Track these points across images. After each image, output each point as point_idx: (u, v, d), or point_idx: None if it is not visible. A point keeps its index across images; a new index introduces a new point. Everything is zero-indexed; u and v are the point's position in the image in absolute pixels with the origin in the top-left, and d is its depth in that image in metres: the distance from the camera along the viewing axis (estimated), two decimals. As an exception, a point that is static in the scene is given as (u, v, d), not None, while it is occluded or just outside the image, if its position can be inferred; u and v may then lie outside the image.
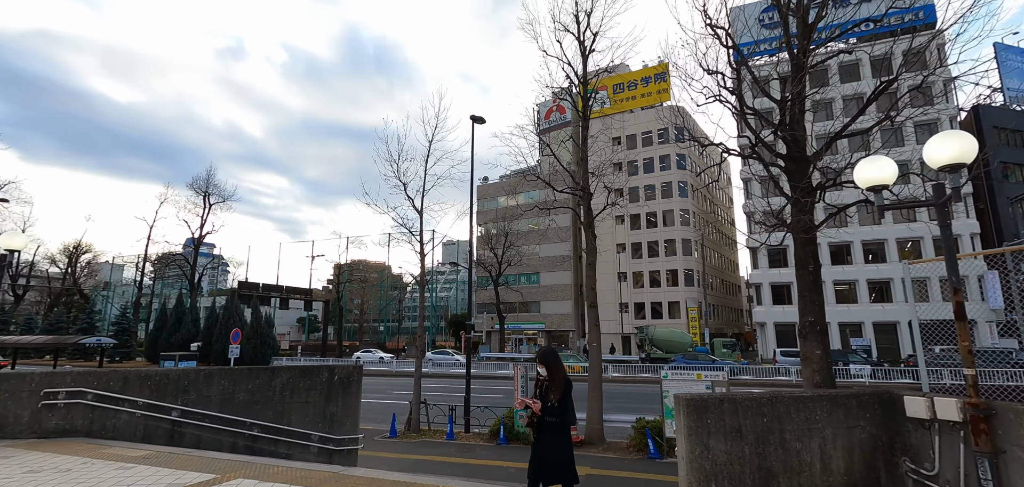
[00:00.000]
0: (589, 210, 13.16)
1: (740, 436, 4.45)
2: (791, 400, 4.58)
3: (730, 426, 4.45)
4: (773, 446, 4.47)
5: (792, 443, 4.49)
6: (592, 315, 12.69)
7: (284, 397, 9.15)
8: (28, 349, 20.28)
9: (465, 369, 14.50)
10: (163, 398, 8.75)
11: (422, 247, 14.42)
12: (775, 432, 4.49)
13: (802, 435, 4.52)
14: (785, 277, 42.28)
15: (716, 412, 4.44)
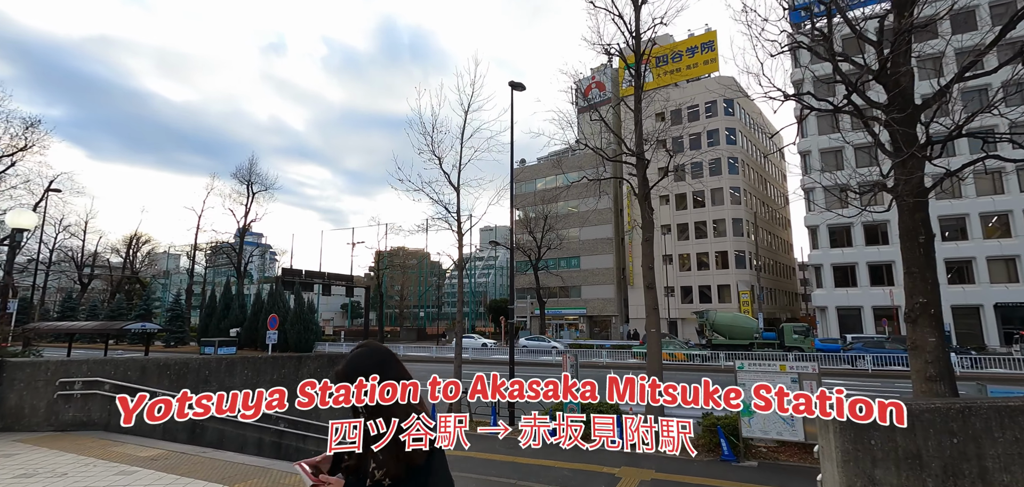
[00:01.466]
0: (644, 179, 11.70)
1: (919, 464, 3.07)
2: (992, 412, 3.15)
3: (904, 450, 3.08)
4: (969, 480, 3.06)
5: (997, 475, 3.07)
6: (650, 298, 11.30)
7: (311, 389, 8.26)
8: (81, 334, 20.71)
9: (508, 356, 13.43)
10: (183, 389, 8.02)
11: (460, 226, 13.38)
12: (970, 459, 3.09)
13: (1012, 463, 3.09)
14: (849, 257, 39.06)
15: (884, 429, 3.07)
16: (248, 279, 71.13)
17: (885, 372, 24.13)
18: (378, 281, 54.84)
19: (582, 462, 9.15)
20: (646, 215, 11.63)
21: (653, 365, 11.16)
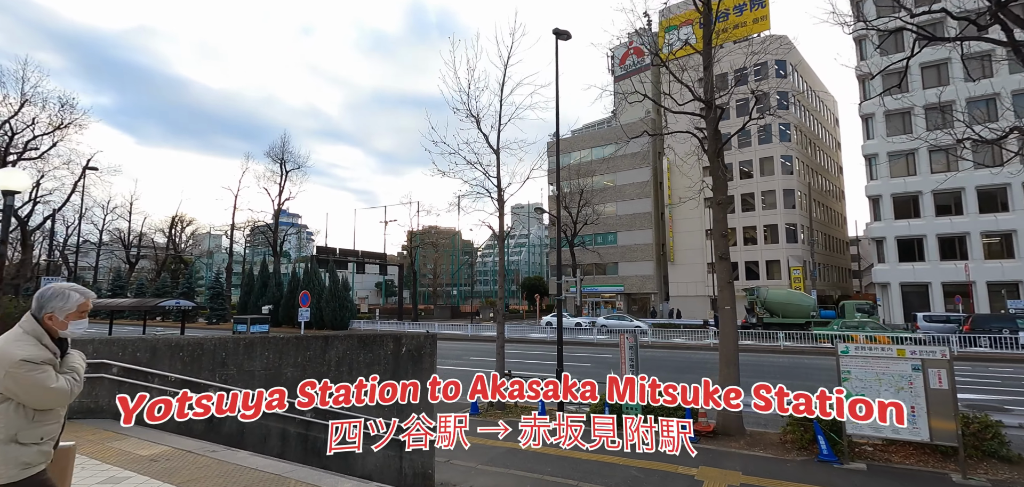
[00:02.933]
0: (716, 133, 10.04)
1: None
2: None
3: None
4: None
5: None
6: (723, 269, 9.75)
7: (340, 373, 7.22)
8: (120, 311, 20.68)
9: (556, 334, 12.15)
10: (198, 372, 7.09)
11: (500, 193, 12.07)
12: None
13: None
14: (916, 229, 35.81)
15: None
16: (285, 258, 72.42)
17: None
18: (411, 259, 54.51)
19: (653, 461, 7.84)
20: (718, 174, 10.00)
21: (727, 348, 9.65)
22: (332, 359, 7.28)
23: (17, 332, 2.26)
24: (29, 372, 2.13)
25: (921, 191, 35.51)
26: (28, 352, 2.17)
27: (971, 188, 33.95)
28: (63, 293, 2.35)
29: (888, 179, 36.60)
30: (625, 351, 10.28)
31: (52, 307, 2.30)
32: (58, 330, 2.33)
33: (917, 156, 35.70)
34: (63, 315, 2.32)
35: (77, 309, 2.38)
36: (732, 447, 8.83)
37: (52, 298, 2.32)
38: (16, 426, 2.15)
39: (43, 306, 2.30)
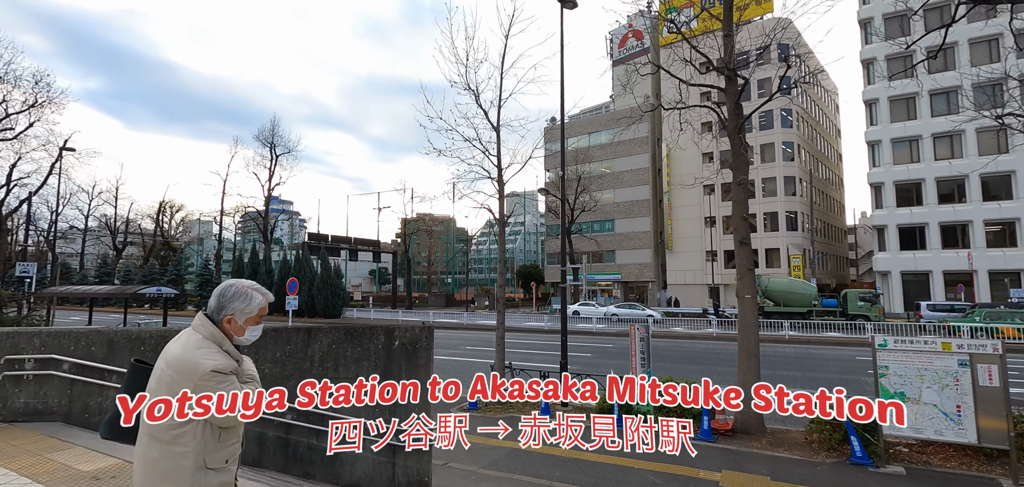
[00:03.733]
0: (738, 108, 9.25)
1: None
2: None
3: None
4: None
5: None
6: (743, 255, 9.02)
7: (325, 369, 6.44)
8: (99, 299, 19.76)
9: (554, 323, 11.41)
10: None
11: (500, 173, 11.25)
12: None
13: None
14: (918, 217, 35.35)
15: None
16: (277, 246, 71.29)
17: None
18: (405, 246, 53.60)
19: (670, 464, 7.15)
20: (739, 151, 9.23)
21: (748, 339, 8.94)
22: (316, 354, 6.47)
23: (196, 338, 1.97)
24: (219, 384, 1.88)
25: (924, 178, 34.99)
26: (217, 361, 1.92)
27: (975, 175, 33.45)
28: (246, 293, 2.06)
29: (891, 166, 36.05)
30: (635, 343, 9.55)
31: (233, 308, 2.02)
32: (235, 336, 2.05)
33: (921, 143, 35.13)
34: (243, 319, 2.04)
35: (257, 313, 2.10)
36: (754, 447, 8.14)
37: (234, 298, 2.03)
38: (205, 449, 1.90)
39: (223, 307, 2.01)
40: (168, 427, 1.83)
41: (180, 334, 2.03)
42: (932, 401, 6.87)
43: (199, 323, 2.00)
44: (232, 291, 2.05)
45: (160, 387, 1.87)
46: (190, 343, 1.95)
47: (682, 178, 47.34)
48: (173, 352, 1.93)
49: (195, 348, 1.93)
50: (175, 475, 1.85)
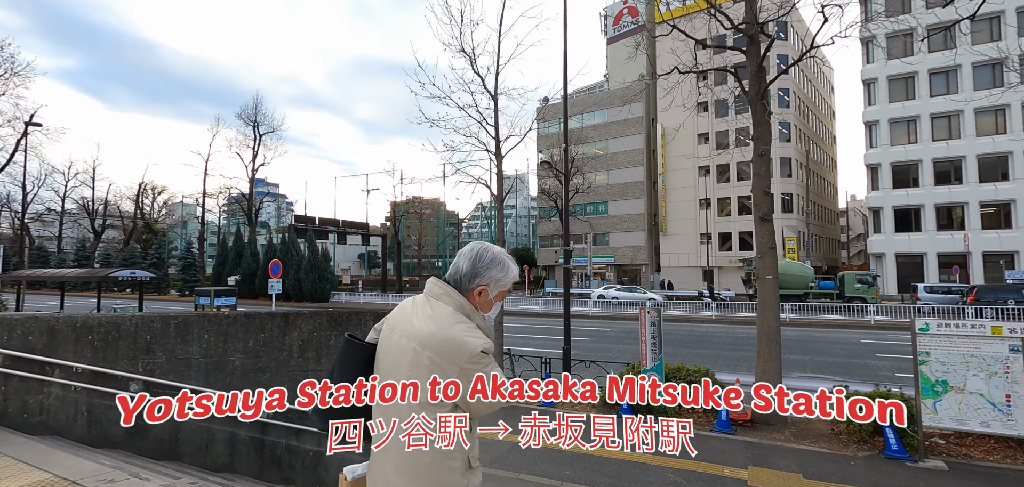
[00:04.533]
0: (760, 72, 8.48)
1: None
2: None
3: None
4: None
5: None
6: (764, 233, 8.33)
7: (305, 360, 5.64)
8: (69, 282, 18.65)
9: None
10: (114, 361, 5.41)
11: (498, 145, 10.41)
12: None
13: None
14: (914, 199, 35.12)
15: None
16: (264, 229, 69.70)
17: None
18: (395, 229, 52.53)
19: (689, 461, 6.52)
20: (761, 120, 8.48)
21: (768, 323, 8.30)
22: (294, 343, 5.65)
23: (447, 310, 1.61)
24: (488, 368, 1.55)
25: (921, 159, 34.69)
26: (484, 341, 1.58)
27: (972, 156, 33.21)
28: (503, 262, 1.70)
29: (888, 147, 35.70)
30: (646, 328, 8.87)
31: (489, 277, 1.68)
32: (482, 312, 1.70)
33: (919, 123, 34.76)
34: (495, 291, 1.70)
35: (509, 287, 1.77)
36: (777, 439, 7.53)
37: (491, 265, 1.68)
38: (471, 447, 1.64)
39: (478, 274, 1.67)
40: None
41: (413, 306, 1.68)
42: (978, 390, 6.29)
43: (442, 291, 1.66)
44: (490, 257, 1.70)
45: (416, 372, 1.55)
46: (444, 317, 1.60)
47: (677, 160, 46.73)
48: (425, 329, 1.58)
49: (454, 323, 1.59)
50: (448, 479, 1.59)
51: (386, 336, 1.69)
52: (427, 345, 1.56)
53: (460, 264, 1.70)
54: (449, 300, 1.65)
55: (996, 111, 32.60)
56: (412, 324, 1.63)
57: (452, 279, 1.70)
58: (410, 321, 1.64)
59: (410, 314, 1.66)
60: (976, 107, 32.92)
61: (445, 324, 1.59)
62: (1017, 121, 31.91)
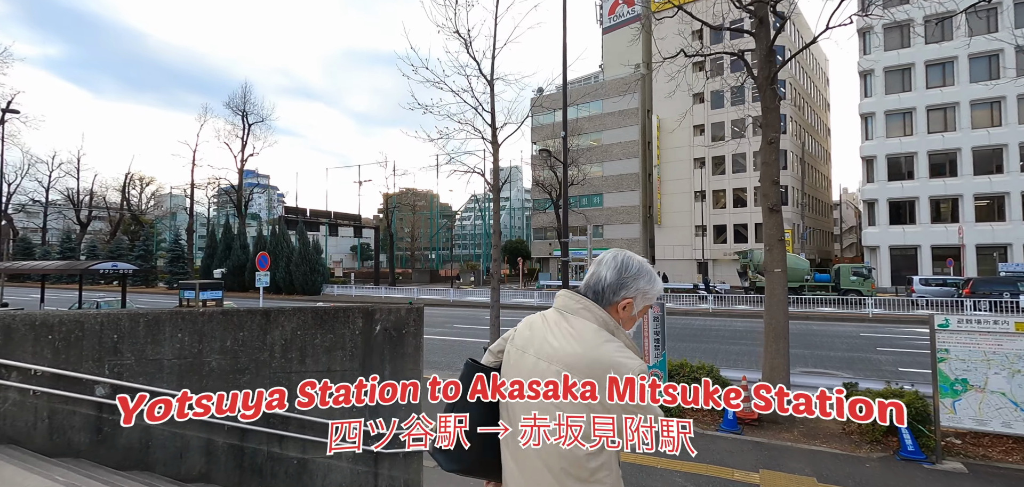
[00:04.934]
0: (770, 55, 8.10)
1: None
2: None
3: None
4: None
5: None
6: (772, 224, 7.99)
7: (288, 361, 5.22)
8: (48, 275, 18.03)
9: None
10: (77, 363, 4.96)
11: (495, 132, 9.99)
12: None
13: None
14: (909, 192, 35.11)
15: None
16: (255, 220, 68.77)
17: None
18: (387, 221, 51.95)
19: (696, 464, 6.19)
20: (770, 106, 8.11)
21: (776, 319, 7.98)
22: (276, 342, 5.23)
23: (592, 328, 1.41)
24: None
25: (917, 151, 34.64)
26: (639, 361, 1.39)
27: (967, 149, 33.19)
28: (649, 272, 1.50)
29: (884, 139, 35.60)
30: (648, 324, 8.51)
31: (636, 289, 1.46)
32: (626, 328, 1.49)
33: (915, 115, 34.66)
34: (640, 306, 1.49)
35: (656, 301, 1.66)
36: (786, 439, 7.23)
37: (639, 275, 1.47)
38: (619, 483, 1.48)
39: (624, 285, 1.45)
40: (586, 460, 1.39)
41: (546, 323, 1.48)
42: (1000, 389, 6.01)
43: (580, 305, 1.46)
44: (636, 266, 1.50)
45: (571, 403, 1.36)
46: (589, 336, 1.41)
47: (672, 152, 46.47)
48: (568, 351, 1.40)
49: (602, 342, 1.40)
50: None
51: (515, 358, 1.51)
52: (574, 369, 1.37)
53: (602, 273, 1.49)
54: (590, 315, 1.44)
55: (992, 103, 32.56)
56: (549, 344, 1.44)
57: (590, 291, 1.49)
58: (546, 341, 1.45)
59: (544, 332, 1.47)
60: (972, 99, 32.87)
61: (592, 344, 1.40)
62: (1013, 113, 31.89)
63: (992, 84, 32.17)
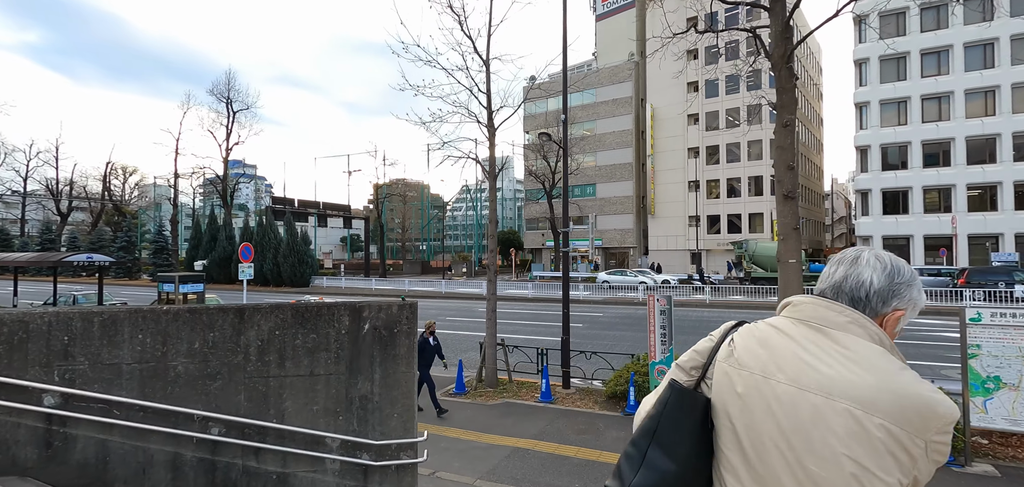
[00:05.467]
0: (786, 31, 7.61)
1: None
2: None
3: None
4: None
5: None
6: (788, 211, 7.54)
7: (265, 365, 4.66)
8: (21, 267, 17.23)
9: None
10: (23, 370, 4.37)
11: (491, 115, 9.43)
12: None
13: None
14: (903, 181, 35.07)
15: None
16: (243, 211, 67.50)
17: None
18: (378, 212, 51.13)
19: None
20: (786, 85, 7.63)
21: (790, 311, 7.54)
22: (252, 343, 4.67)
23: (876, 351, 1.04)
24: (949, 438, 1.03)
25: (911, 141, 34.55)
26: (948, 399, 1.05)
27: (961, 138, 33.16)
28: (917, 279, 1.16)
29: (879, 129, 35.47)
30: (655, 317, 8.07)
31: (909, 299, 1.12)
32: None
33: (909, 104, 34.53)
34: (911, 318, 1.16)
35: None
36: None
37: (911, 282, 1.13)
38: None
39: (896, 294, 1.11)
40: None
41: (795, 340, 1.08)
42: (1035, 387, 5.65)
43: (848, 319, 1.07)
44: (908, 272, 1.12)
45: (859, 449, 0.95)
46: (881, 363, 1.01)
47: (666, 142, 46.11)
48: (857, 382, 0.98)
49: (899, 371, 1.01)
50: None
51: (750, 384, 1.08)
52: (875, 408, 0.96)
53: (864, 276, 1.11)
54: (862, 331, 1.06)
55: (986, 92, 32.50)
56: (814, 369, 1.03)
57: (851, 298, 1.11)
58: (805, 364, 1.05)
59: (794, 351, 1.07)
60: (966, 88, 32.79)
61: (887, 372, 1.00)
62: (1007, 103, 31.85)
63: (987, 73, 32.13)
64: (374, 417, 4.81)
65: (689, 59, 44.77)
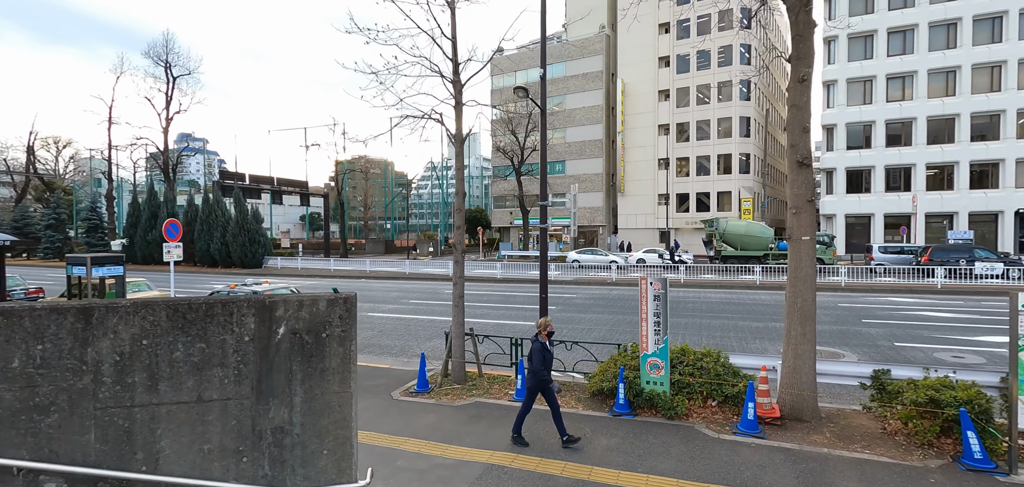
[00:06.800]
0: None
1: None
2: None
3: None
4: None
5: None
6: (801, 181, 6.53)
7: (129, 389, 3.19)
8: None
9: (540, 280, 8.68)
10: None
11: (457, 69, 8.03)
12: None
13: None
14: (867, 160, 35.54)
15: None
16: (192, 187, 63.10)
17: None
18: (338, 189, 48.59)
19: (714, 485, 4.79)
20: (804, 34, 6.55)
21: (803, 297, 6.62)
22: (105, 359, 3.19)
23: None
24: None
25: (875, 120, 34.94)
26: None
27: (922, 118, 33.71)
28: None
29: (845, 107, 35.72)
30: (648, 303, 6.99)
31: None
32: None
33: (875, 83, 34.82)
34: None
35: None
36: (819, 443, 5.93)
37: None
38: None
39: None
40: None
41: None
42: None
43: None
44: None
45: None
46: None
47: (636, 115, 45.39)
48: None
49: None
50: None
51: None
52: None
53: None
54: None
55: (948, 73, 33.03)
56: None
57: None
58: None
59: None
60: (929, 68, 33.24)
61: None
62: (966, 83, 32.46)
63: (951, 53, 32.59)
64: (294, 456, 3.43)
65: (660, 32, 43.94)
